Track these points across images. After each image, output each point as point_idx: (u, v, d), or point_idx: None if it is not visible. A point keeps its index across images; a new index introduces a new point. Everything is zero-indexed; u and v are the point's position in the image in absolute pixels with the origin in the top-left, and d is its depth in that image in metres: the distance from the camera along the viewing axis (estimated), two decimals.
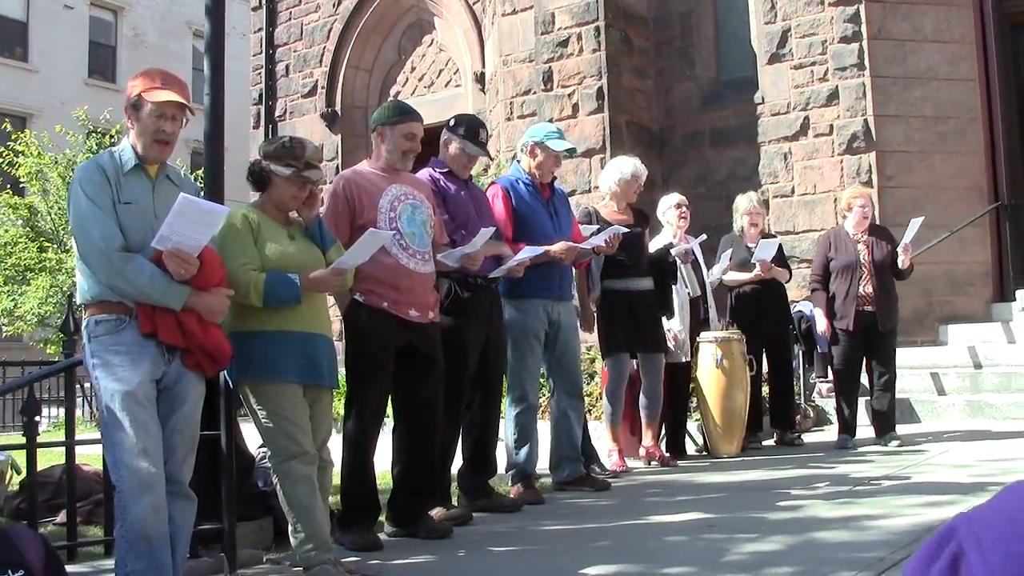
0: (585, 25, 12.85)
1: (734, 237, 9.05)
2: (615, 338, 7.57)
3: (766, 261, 8.50)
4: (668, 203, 8.61)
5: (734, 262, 8.72)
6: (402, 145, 5.46)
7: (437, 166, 6.09)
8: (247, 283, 4.27)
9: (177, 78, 4.06)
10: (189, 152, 26.92)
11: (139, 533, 3.72)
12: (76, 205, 3.85)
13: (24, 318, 20.69)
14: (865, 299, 8.24)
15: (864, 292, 8.25)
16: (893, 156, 11.90)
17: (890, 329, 8.28)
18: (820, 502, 5.69)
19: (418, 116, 5.62)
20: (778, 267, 8.73)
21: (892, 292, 8.34)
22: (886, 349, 8.32)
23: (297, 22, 18.65)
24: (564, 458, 6.78)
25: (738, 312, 8.83)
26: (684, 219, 8.51)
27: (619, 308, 7.52)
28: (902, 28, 12.06)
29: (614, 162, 7.95)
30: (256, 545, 5.06)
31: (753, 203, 8.93)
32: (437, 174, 6.02)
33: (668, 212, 8.56)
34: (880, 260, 8.21)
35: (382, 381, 5.26)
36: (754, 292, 8.75)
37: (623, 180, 7.69)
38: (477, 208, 6.10)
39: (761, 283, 8.71)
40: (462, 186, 6.10)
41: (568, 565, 4.55)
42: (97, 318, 3.85)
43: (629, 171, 7.71)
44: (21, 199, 22.01)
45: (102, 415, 3.82)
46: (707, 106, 13.28)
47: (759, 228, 8.92)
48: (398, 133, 5.46)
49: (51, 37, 31.83)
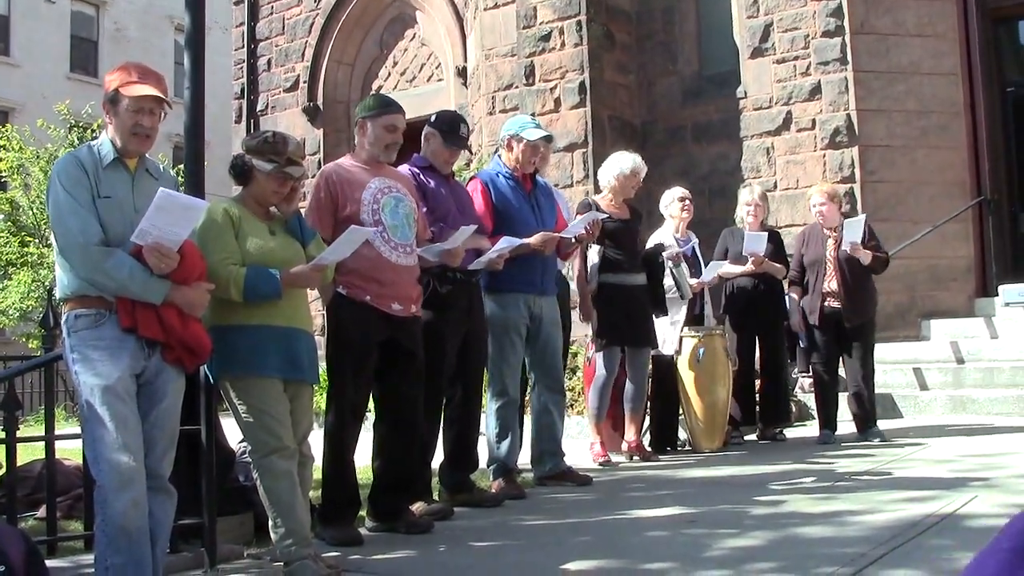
0: (567, 19, 12.87)
1: (733, 229, 9.04)
2: (609, 332, 7.58)
3: (758, 255, 8.47)
4: (671, 196, 8.62)
5: (731, 255, 8.71)
6: (384, 138, 5.45)
7: (417, 162, 6.08)
8: (227, 277, 4.26)
9: (154, 72, 4.04)
10: (171, 146, 26.82)
11: (119, 528, 3.70)
12: (55, 199, 3.82)
13: (6, 313, 20.63)
14: (830, 295, 8.25)
15: (829, 288, 8.25)
16: (876, 151, 11.95)
17: (857, 325, 8.25)
18: (802, 497, 5.69)
19: (399, 108, 5.60)
20: (775, 261, 8.69)
21: (862, 288, 8.27)
22: (858, 344, 8.29)
23: (279, 16, 18.62)
24: (545, 452, 6.78)
25: (731, 305, 8.82)
26: (687, 211, 8.54)
27: (614, 302, 7.54)
28: (884, 22, 12.11)
29: (615, 157, 7.96)
30: (236, 540, 5.05)
31: (755, 195, 8.88)
32: (417, 169, 6.01)
33: (671, 205, 8.57)
34: (847, 256, 8.15)
35: (364, 375, 5.24)
36: (748, 284, 8.73)
37: (622, 175, 7.71)
38: (458, 203, 6.09)
39: (756, 276, 8.67)
40: (443, 181, 6.08)
41: (549, 560, 4.55)
42: (77, 312, 3.83)
43: (629, 167, 7.73)
44: (3, 193, 21.94)
45: (82, 410, 3.80)
46: (689, 101, 13.33)
47: (759, 220, 8.87)
48: (379, 125, 5.45)
49: (33, 31, 31.73)
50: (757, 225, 8.81)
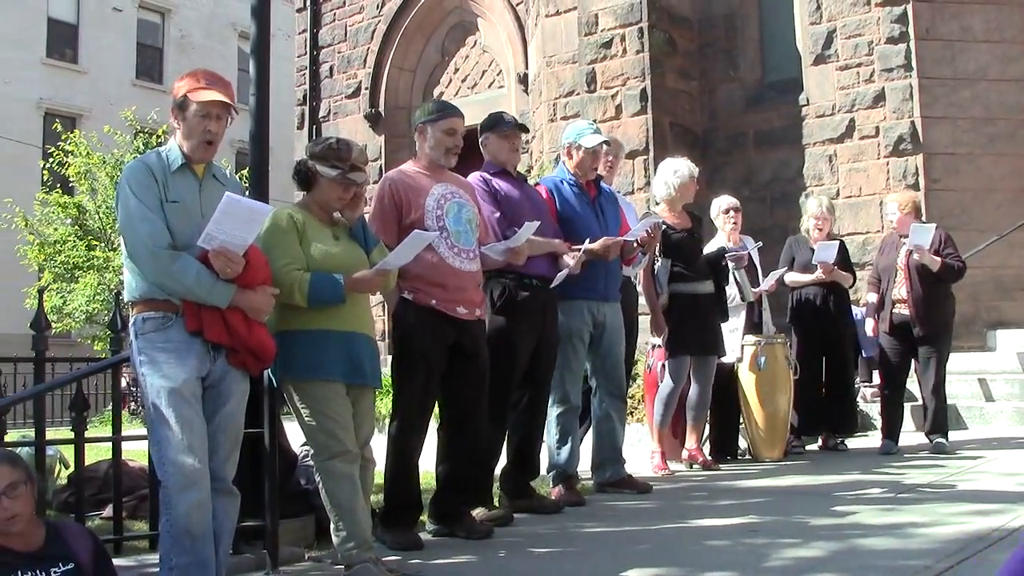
0: (629, 26, 12.83)
1: (799, 238, 8.97)
2: (680, 341, 7.56)
3: (827, 263, 8.40)
4: (717, 208, 8.57)
5: (797, 264, 8.65)
6: (444, 142, 5.46)
7: (488, 168, 6.09)
8: (292, 283, 4.29)
9: (222, 78, 4.09)
10: (234, 152, 27.12)
11: (183, 528, 3.75)
12: (124, 204, 3.88)
13: (72, 315, 20.97)
14: (900, 302, 8.16)
15: (898, 296, 8.16)
16: (940, 159, 11.79)
17: (928, 333, 8.13)
18: (864, 508, 5.63)
19: (458, 112, 5.60)
20: (842, 270, 8.63)
21: (932, 297, 8.12)
22: (929, 354, 8.16)
23: (341, 23, 18.76)
24: (606, 459, 6.76)
25: (798, 314, 8.74)
26: (735, 223, 8.47)
27: (685, 311, 7.52)
28: (951, 28, 11.94)
29: (665, 166, 7.91)
30: (298, 543, 5.09)
31: (822, 208, 8.81)
32: (489, 175, 6.03)
33: (718, 218, 8.52)
34: (918, 264, 8.04)
35: (430, 379, 5.25)
36: (815, 294, 8.66)
37: (681, 183, 7.69)
38: (532, 206, 6.10)
39: (823, 285, 8.60)
40: (515, 184, 6.10)
41: (608, 567, 4.54)
42: (144, 315, 3.88)
43: (685, 172, 7.70)
44: (70, 198, 22.30)
45: (148, 411, 3.85)
46: (751, 107, 13.23)
47: (825, 232, 8.79)
48: (439, 129, 5.46)
49: (100, 39, 32.26)
50: (824, 237, 8.74)
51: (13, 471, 3.51)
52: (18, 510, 3.47)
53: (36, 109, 30.46)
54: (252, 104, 5.15)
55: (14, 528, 3.49)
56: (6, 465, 3.51)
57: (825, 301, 8.63)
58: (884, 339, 8.28)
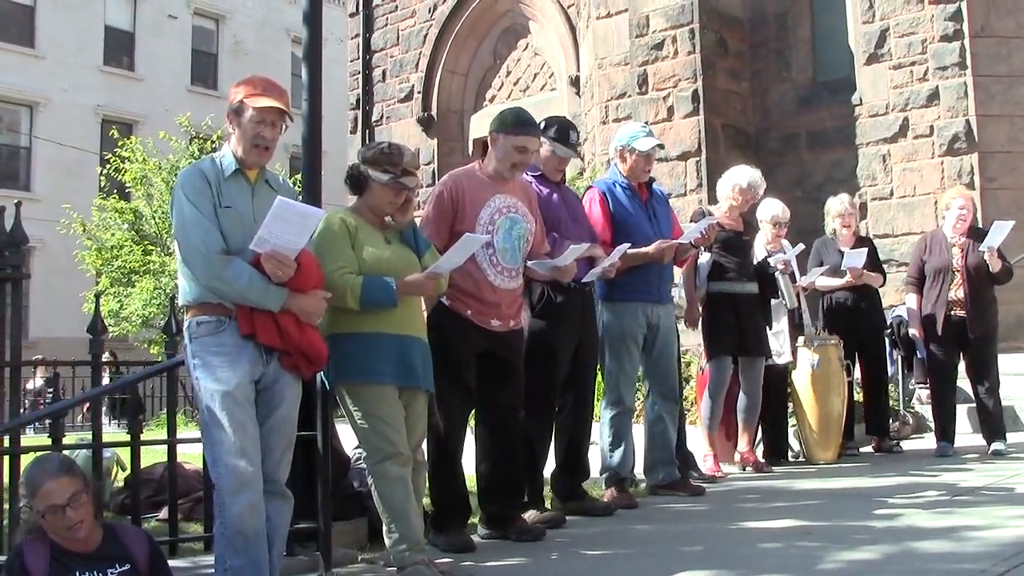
0: (680, 28, 12.79)
1: (826, 240, 8.89)
2: (718, 341, 7.53)
3: (857, 268, 8.36)
4: (761, 216, 8.41)
5: (827, 268, 8.57)
6: (512, 157, 5.39)
7: (529, 170, 6.07)
8: (344, 286, 4.32)
9: (278, 85, 4.13)
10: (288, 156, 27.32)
11: (237, 530, 3.80)
12: (179, 209, 3.94)
13: (129, 319, 21.27)
14: (955, 304, 8.05)
15: (955, 297, 8.05)
16: (996, 157, 11.64)
17: (982, 335, 8.04)
18: (919, 511, 5.58)
19: (535, 131, 5.53)
20: (871, 271, 8.57)
21: (986, 298, 8.07)
22: (981, 355, 8.08)
23: (393, 27, 18.86)
24: (659, 461, 6.75)
25: (830, 318, 8.68)
26: (777, 238, 8.32)
27: (723, 311, 7.50)
28: (1006, 25, 11.79)
29: (733, 171, 7.96)
30: (351, 545, 5.12)
31: (845, 205, 8.76)
32: (529, 177, 6.00)
33: (763, 225, 8.40)
34: (975, 264, 7.99)
35: (461, 384, 5.26)
36: (846, 297, 8.61)
37: (739, 189, 7.71)
38: (570, 211, 6.09)
39: (853, 288, 8.56)
40: (554, 188, 6.09)
41: (660, 570, 4.54)
42: (198, 319, 3.93)
43: (745, 181, 7.73)
44: (127, 204, 22.62)
45: (202, 414, 3.90)
46: (803, 108, 13.14)
47: (852, 230, 8.74)
48: (510, 144, 5.38)
49: (156, 46, 32.71)
50: (851, 235, 8.67)
51: (72, 480, 3.57)
52: (81, 517, 3.55)
53: (94, 116, 30.99)
54: (305, 109, 5.19)
55: (79, 535, 3.57)
56: (65, 476, 3.58)
57: (857, 305, 8.59)
58: (934, 341, 8.19)
